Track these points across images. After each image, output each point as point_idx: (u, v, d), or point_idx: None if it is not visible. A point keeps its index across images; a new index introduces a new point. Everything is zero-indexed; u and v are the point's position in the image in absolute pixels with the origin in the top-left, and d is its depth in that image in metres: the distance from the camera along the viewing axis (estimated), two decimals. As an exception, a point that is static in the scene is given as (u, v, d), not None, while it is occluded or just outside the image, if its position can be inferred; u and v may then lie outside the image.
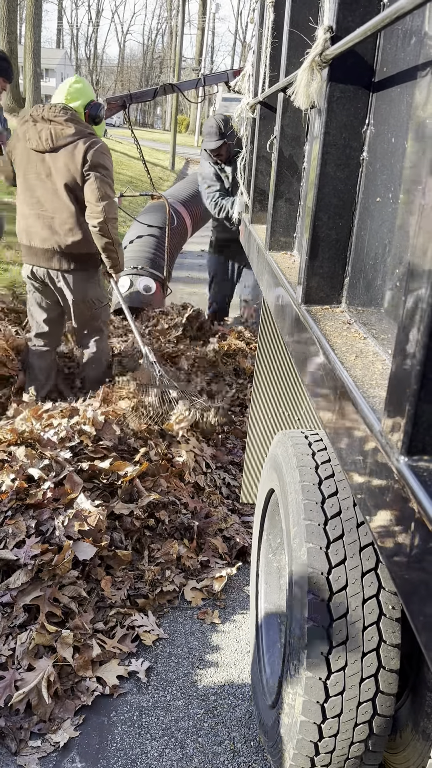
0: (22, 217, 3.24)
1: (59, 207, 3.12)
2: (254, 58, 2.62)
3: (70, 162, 3.03)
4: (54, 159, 3.05)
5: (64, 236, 3.15)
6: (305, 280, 1.32)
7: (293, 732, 1.49)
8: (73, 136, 3.02)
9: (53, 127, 3.03)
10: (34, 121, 3.07)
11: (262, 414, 2.62)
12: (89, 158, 3.02)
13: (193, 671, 2.13)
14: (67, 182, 3.06)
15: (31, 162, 3.11)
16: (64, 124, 3.04)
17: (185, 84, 5.39)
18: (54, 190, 3.10)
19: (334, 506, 1.52)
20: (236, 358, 4.52)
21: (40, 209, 3.15)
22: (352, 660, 1.41)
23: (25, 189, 3.18)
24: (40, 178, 3.12)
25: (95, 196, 3.06)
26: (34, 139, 3.05)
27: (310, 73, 1.19)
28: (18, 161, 3.17)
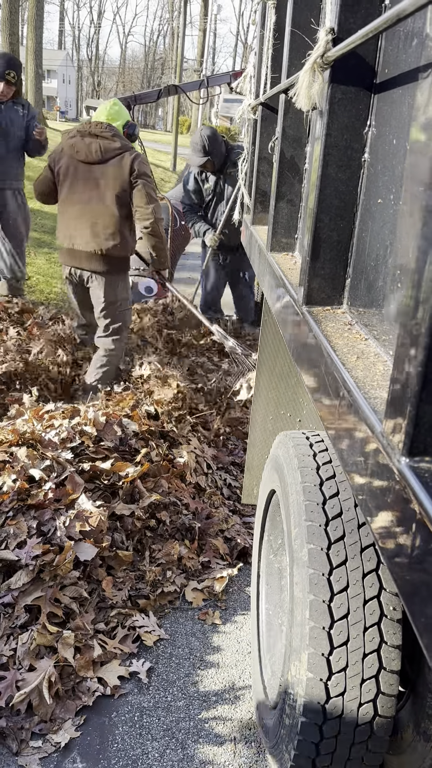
0: (64, 221, 3.55)
1: (104, 212, 3.44)
2: (255, 60, 2.63)
3: (118, 172, 3.41)
4: (102, 169, 3.43)
5: (104, 240, 3.46)
6: (306, 281, 1.32)
7: (294, 733, 1.49)
8: (119, 150, 3.43)
9: (101, 141, 3.41)
10: (82, 135, 3.44)
11: (263, 415, 2.62)
12: (135, 168, 3.42)
13: (194, 672, 2.13)
14: (115, 190, 3.43)
15: (78, 172, 3.46)
16: (110, 139, 3.44)
17: (188, 85, 5.40)
18: (100, 197, 3.44)
19: (335, 507, 1.52)
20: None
21: (84, 214, 3.46)
22: (353, 661, 1.41)
23: (70, 196, 3.50)
24: (87, 187, 3.45)
25: (144, 201, 3.44)
26: (83, 152, 3.41)
27: (311, 74, 1.19)
28: (63, 171, 3.50)
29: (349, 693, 1.42)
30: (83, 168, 3.44)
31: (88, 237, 3.46)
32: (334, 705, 1.43)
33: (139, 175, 3.43)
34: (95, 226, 3.44)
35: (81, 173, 3.45)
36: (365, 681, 1.42)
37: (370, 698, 1.43)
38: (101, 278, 3.56)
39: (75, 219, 3.48)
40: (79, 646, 2.04)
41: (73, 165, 3.46)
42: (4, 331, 4.11)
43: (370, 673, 1.42)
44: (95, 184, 3.43)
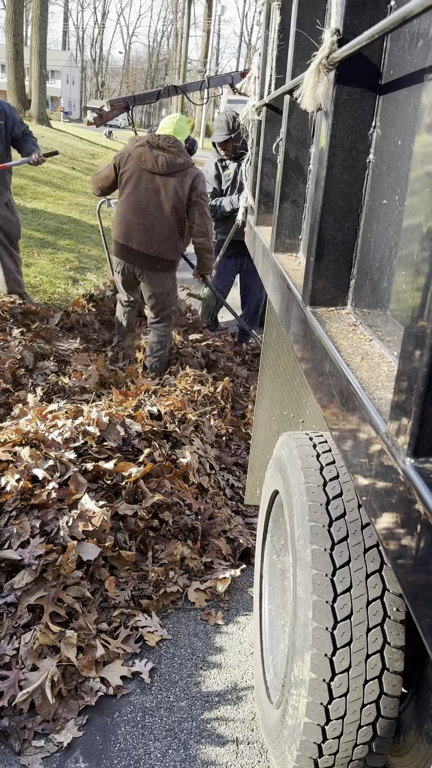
0: (123, 220, 3.87)
1: (160, 220, 3.78)
2: (260, 60, 2.63)
3: (180, 187, 3.74)
4: (165, 181, 3.74)
5: (158, 244, 3.83)
6: (311, 281, 1.32)
7: (297, 733, 1.49)
8: (183, 166, 3.75)
9: (168, 155, 3.72)
10: (150, 147, 3.74)
11: (267, 415, 2.62)
12: (196, 186, 3.79)
13: (196, 672, 2.13)
14: (174, 202, 3.75)
15: (142, 179, 3.76)
16: (176, 155, 3.75)
17: (190, 86, 5.40)
18: (159, 205, 3.76)
19: (338, 508, 1.52)
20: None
21: (143, 218, 3.79)
22: (356, 662, 1.41)
23: (131, 200, 3.81)
24: (148, 194, 3.76)
25: (201, 219, 3.84)
26: (149, 162, 3.72)
27: (316, 75, 1.19)
28: (128, 176, 3.80)
29: (352, 694, 1.42)
30: (147, 176, 3.75)
31: (143, 239, 3.82)
32: (337, 706, 1.42)
33: (199, 195, 3.79)
34: (151, 230, 3.80)
35: (144, 181, 3.76)
36: (368, 682, 1.42)
37: (373, 699, 1.43)
38: (153, 274, 3.95)
39: (134, 221, 3.82)
40: (81, 645, 2.04)
41: (138, 172, 3.77)
42: (7, 331, 4.12)
43: (373, 674, 1.42)
44: (156, 193, 3.76)
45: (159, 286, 4.02)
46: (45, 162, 4.73)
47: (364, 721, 1.45)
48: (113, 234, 4.01)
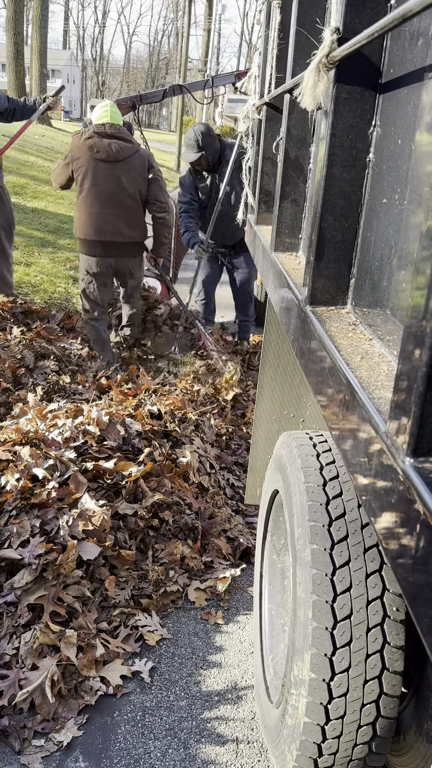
0: (92, 216, 3.88)
1: (129, 205, 3.90)
2: (260, 60, 2.62)
3: (139, 168, 3.86)
4: (123, 166, 3.82)
5: (131, 229, 3.96)
6: (311, 281, 1.32)
7: (296, 733, 1.49)
8: (134, 148, 3.87)
9: (119, 142, 3.81)
10: (100, 136, 3.79)
11: (267, 415, 2.61)
12: (153, 164, 3.91)
13: (196, 672, 2.13)
14: (137, 185, 3.88)
15: (98, 170, 3.80)
16: (126, 139, 3.87)
17: (193, 85, 5.39)
18: (124, 190, 3.85)
19: (338, 508, 1.52)
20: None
21: (112, 208, 3.87)
22: (356, 661, 1.41)
23: (94, 192, 3.84)
24: (109, 183, 3.82)
25: (161, 194, 3.97)
26: (104, 151, 3.77)
27: (316, 74, 1.19)
28: (84, 171, 3.82)
29: (352, 694, 1.42)
30: (103, 166, 3.80)
31: (117, 228, 3.90)
32: (336, 705, 1.42)
33: (155, 171, 3.92)
34: (122, 218, 3.90)
35: (102, 171, 3.80)
36: (368, 682, 1.42)
37: (372, 699, 1.43)
38: (132, 261, 4.10)
39: (102, 213, 3.87)
40: (81, 645, 2.04)
41: (92, 164, 3.79)
42: (7, 330, 4.12)
43: (373, 674, 1.42)
44: (117, 181, 3.82)
45: (138, 271, 4.25)
46: (56, 107, 4.85)
47: (363, 720, 1.44)
48: (79, 233, 3.98)
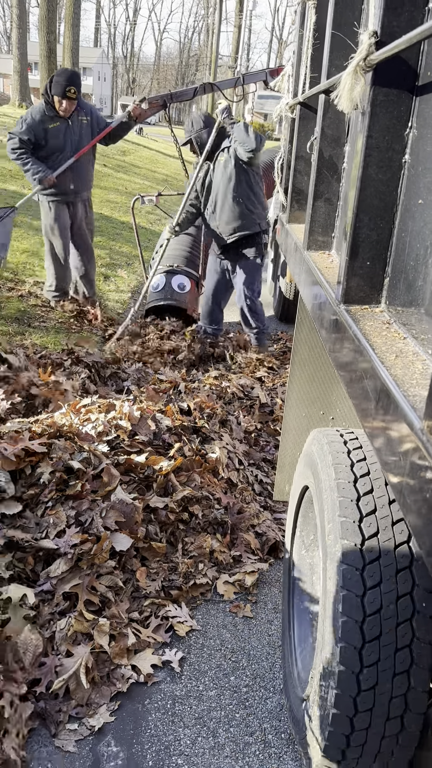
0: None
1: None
2: (294, 59, 2.64)
3: None
4: None
5: None
6: (345, 279, 1.34)
7: (325, 724, 1.51)
8: None
9: None
10: None
11: (297, 412, 2.64)
12: None
13: (225, 663, 2.16)
14: None
15: None
16: None
17: (224, 83, 5.41)
18: None
19: (369, 504, 1.54)
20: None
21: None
22: (385, 655, 1.43)
23: None
24: None
25: None
26: None
27: (354, 76, 1.20)
28: None
29: (381, 687, 1.44)
30: None
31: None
32: (365, 698, 1.45)
33: None
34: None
35: None
36: (397, 675, 1.44)
37: (401, 693, 1.45)
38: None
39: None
40: (114, 633, 2.09)
41: None
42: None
43: (402, 668, 1.43)
44: None
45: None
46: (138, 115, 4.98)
47: (392, 714, 1.46)
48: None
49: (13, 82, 23.66)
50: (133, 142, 22.10)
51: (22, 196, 8.95)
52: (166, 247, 5.07)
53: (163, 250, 5.03)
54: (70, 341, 4.44)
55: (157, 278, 5.31)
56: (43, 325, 4.77)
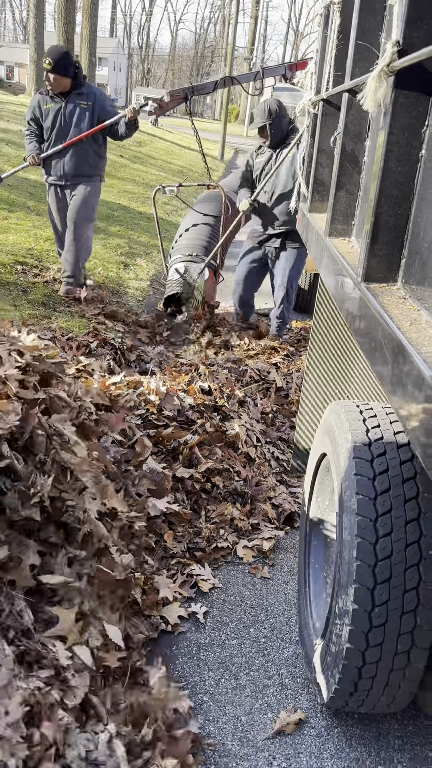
0: None
1: None
2: (318, 57, 2.79)
3: None
4: None
5: None
6: (365, 261, 1.51)
7: (339, 658, 1.70)
8: None
9: None
10: None
11: (314, 390, 2.81)
12: None
13: (245, 617, 2.35)
14: None
15: None
16: None
17: (244, 77, 5.57)
18: None
19: (382, 464, 1.72)
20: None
21: None
22: (395, 596, 1.61)
23: None
24: None
25: None
26: None
27: (378, 80, 1.37)
28: None
29: (390, 624, 1.62)
30: None
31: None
32: (375, 634, 1.63)
33: None
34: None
35: None
36: (405, 614, 1.62)
37: (408, 630, 1.63)
38: None
39: None
40: (145, 588, 2.28)
41: None
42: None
43: (409, 608, 1.61)
44: None
45: None
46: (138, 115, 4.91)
47: (400, 649, 1.65)
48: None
49: (29, 71, 23.79)
50: (149, 133, 22.20)
51: (42, 185, 9.15)
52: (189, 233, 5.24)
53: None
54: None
55: (177, 265, 5.48)
56: (67, 310, 4.96)
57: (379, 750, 1.91)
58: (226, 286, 6.25)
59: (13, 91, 32.17)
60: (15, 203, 7.70)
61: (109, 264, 6.54)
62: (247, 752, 1.85)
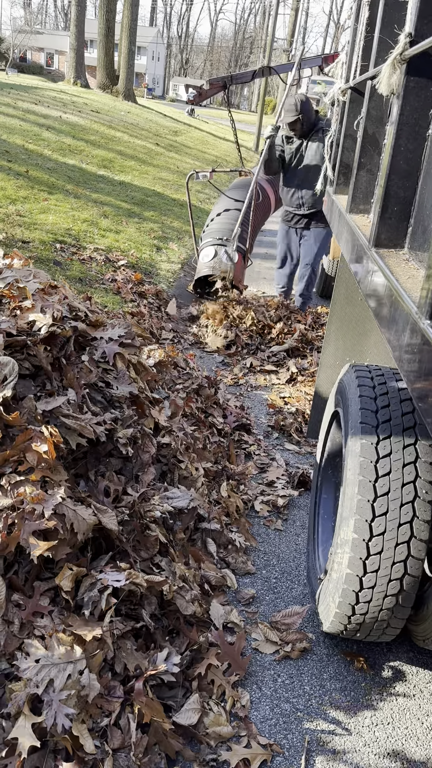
0: None
1: None
2: (348, 48, 2.97)
3: None
4: None
5: None
6: (376, 229, 1.71)
7: (339, 583, 1.91)
8: None
9: None
10: None
11: (331, 360, 3.01)
12: None
13: (258, 560, 2.58)
14: None
15: None
16: None
17: (282, 67, 5.74)
18: None
19: (385, 414, 1.92)
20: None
21: None
22: (390, 528, 1.81)
23: None
24: None
25: None
26: None
27: (392, 67, 1.57)
28: None
29: (386, 552, 1.82)
30: None
31: None
32: (372, 561, 1.83)
33: None
34: None
35: None
36: (399, 545, 1.82)
37: (401, 559, 1.83)
38: None
39: None
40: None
41: None
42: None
43: (403, 539, 1.81)
44: None
45: None
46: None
47: (393, 576, 1.85)
48: None
49: (69, 59, 24.17)
50: (185, 122, 22.42)
51: (80, 169, 9.45)
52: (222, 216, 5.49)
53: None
54: None
55: (208, 249, 5.70)
56: (102, 287, 5.22)
57: (374, 675, 2.12)
58: (254, 271, 6.45)
59: (52, 78, 32.68)
60: (55, 186, 7.99)
61: (143, 246, 6.78)
62: (255, 670, 2.08)
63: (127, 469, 2.28)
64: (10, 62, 32.60)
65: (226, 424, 3.26)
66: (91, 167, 9.94)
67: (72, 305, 2.46)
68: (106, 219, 7.24)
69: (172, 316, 5.16)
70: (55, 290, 2.50)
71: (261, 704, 1.96)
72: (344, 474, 1.97)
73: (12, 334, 2.11)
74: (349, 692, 2.04)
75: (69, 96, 17.71)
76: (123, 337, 2.48)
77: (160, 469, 2.48)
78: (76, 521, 1.85)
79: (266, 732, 1.87)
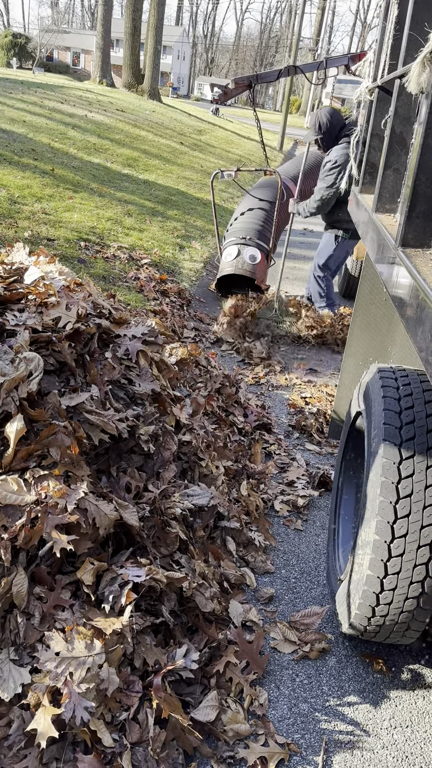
0: None
1: None
2: (376, 47, 2.95)
3: None
4: None
5: None
6: (403, 228, 1.70)
7: (360, 585, 1.90)
8: None
9: None
10: None
11: (354, 360, 2.99)
12: None
13: (277, 559, 2.57)
14: None
15: None
16: None
17: (307, 66, 5.70)
18: None
19: (409, 416, 1.90)
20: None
21: None
22: (413, 530, 1.80)
23: None
24: None
25: None
26: None
27: (421, 66, 1.55)
28: None
29: (407, 555, 1.81)
30: None
31: None
32: (394, 563, 1.82)
33: None
34: None
35: None
36: (421, 547, 1.80)
37: (423, 561, 1.81)
38: None
39: None
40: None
41: None
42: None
43: (425, 541, 1.80)
44: None
45: None
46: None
47: (415, 578, 1.83)
48: None
49: (95, 58, 24.32)
50: (209, 121, 22.43)
51: (105, 168, 9.52)
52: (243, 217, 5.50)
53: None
54: None
55: (230, 248, 5.69)
56: (125, 285, 5.25)
57: (393, 678, 2.10)
58: (277, 271, 6.42)
59: (78, 77, 32.95)
60: (80, 184, 8.05)
61: (166, 245, 6.80)
62: (273, 669, 2.08)
63: (148, 465, 2.29)
64: (36, 61, 32.94)
65: (246, 423, 3.26)
66: (116, 166, 10.00)
67: (96, 302, 2.48)
68: (130, 217, 7.28)
69: (199, 316, 5.18)
70: (80, 288, 2.53)
71: (279, 703, 1.96)
72: (366, 475, 1.95)
73: (38, 330, 2.13)
74: (367, 694, 2.03)
75: (95, 95, 17.83)
76: (146, 335, 2.50)
77: (180, 467, 2.49)
78: (98, 516, 1.86)
79: (284, 731, 1.87)
